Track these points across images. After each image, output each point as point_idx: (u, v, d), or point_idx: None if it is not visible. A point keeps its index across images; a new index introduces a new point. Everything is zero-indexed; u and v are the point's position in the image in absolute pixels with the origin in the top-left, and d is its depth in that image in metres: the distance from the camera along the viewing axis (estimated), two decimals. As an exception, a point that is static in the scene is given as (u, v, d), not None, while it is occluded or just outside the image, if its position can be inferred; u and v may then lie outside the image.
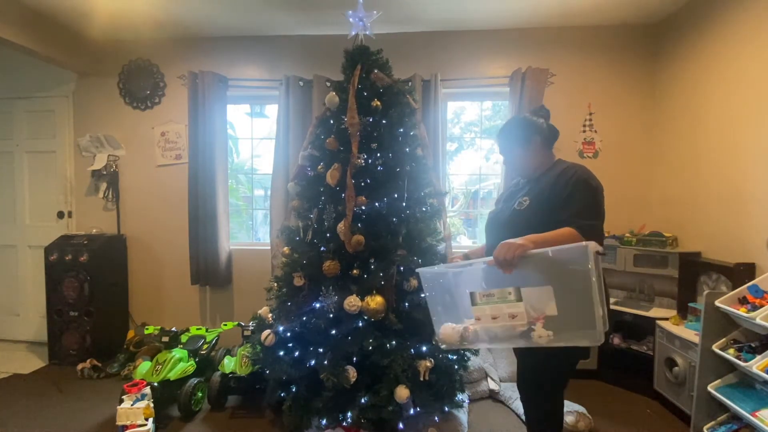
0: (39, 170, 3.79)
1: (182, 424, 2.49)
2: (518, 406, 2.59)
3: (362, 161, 2.31)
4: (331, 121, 2.42)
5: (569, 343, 1.29)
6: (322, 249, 2.31)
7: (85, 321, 3.30)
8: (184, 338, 2.96)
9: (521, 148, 1.66)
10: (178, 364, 2.64)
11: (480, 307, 1.41)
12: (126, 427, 2.16)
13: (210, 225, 3.44)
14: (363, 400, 2.12)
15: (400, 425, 2.17)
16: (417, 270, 1.59)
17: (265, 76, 3.54)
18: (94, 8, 3.06)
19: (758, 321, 1.88)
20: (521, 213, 1.56)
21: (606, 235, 3.09)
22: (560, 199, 1.49)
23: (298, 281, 2.32)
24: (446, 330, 1.48)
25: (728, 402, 2.00)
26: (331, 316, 2.20)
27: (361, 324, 2.18)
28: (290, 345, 2.30)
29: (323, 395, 2.15)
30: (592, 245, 1.22)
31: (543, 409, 1.65)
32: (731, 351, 2.04)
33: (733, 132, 2.55)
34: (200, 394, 2.66)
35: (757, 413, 1.87)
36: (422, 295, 1.58)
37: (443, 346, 1.51)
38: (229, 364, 2.73)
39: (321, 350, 2.21)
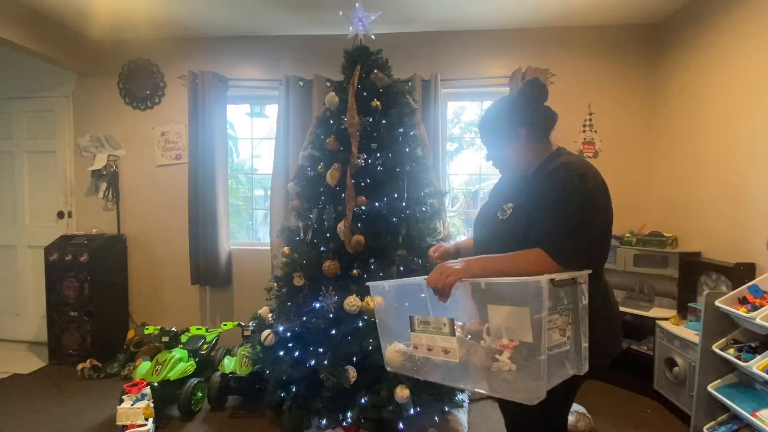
0: (39, 170, 3.79)
1: (182, 424, 2.49)
2: (518, 406, 2.58)
3: (362, 161, 2.31)
4: (331, 121, 2.42)
5: (506, 396, 1.04)
6: (322, 249, 2.31)
7: (85, 321, 3.30)
8: (184, 338, 2.96)
9: (504, 145, 1.30)
10: (178, 364, 2.64)
11: (417, 334, 1.19)
12: (126, 427, 2.16)
13: (210, 225, 3.44)
14: (363, 400, 2.12)
15: (400, 425, 2.17)
16: (367, 284, 1.38)
17: (265, 76, 3.54)
18: (94, 8, 3.06)
19: (758, 321, 1.88)
20: (503, 224, 1.24)
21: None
22: (540, 211, 1.16)
23: (298, 281, 2.32)
24: (391, 351, 1.27)
25: (728, 402, 2.00)
26: (331, 316, 2.20)
27: (361, 324, 2.19)
28: (290, 345, 2.30)
29: (323, 395, 2.15)
30: (543, 280, 0.97)
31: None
32: (731, 351, 2.04)
33: (733, 132, 2.55)
34: (200, 394, 2.66)
35: (757, 413, 1.87)
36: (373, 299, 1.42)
37: (389, 368, 1.30)
38: (229, 364, 2.72)
39: (321, 350, 2.21)
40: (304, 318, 2.27)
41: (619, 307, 1.36)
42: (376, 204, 2.28)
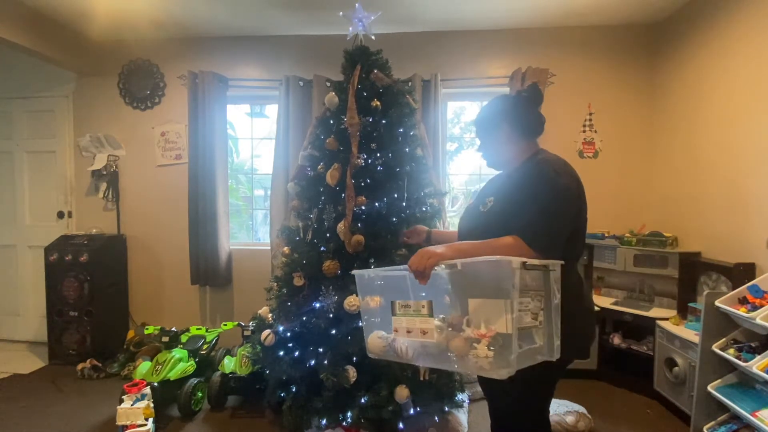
0: (39, 170, 3.79)
1: (182, 424, 2.49)
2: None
3: (362, 161, 2.31)
4: (331, 121, 2.42)
5: (476, 372, 1.12)
6: (322, 249, 2.31)
7: (85, 321, 3.30)
8: (184, 338, 2.96)
9: (487, 136, 1.42)
10: (178, 364, 2.64)
11: (398, 318, 1.26)
12: (126, 427, 2.16)
13: (210, 225, 3.44)
14: (363, 400, 2.12)
15: (400, 425, 2.17)
16: (352, 272, 1.42)
17: (265, 76, 3.54)
18: (94, 8, 3.06)
19: (758, 321, 1.88)
20: (484, 216, 1.34)
21: (606, 234, 3.09)
22: (518, 201, 1.25)
23: (298, 281, 2.32)
24: (373, 338, 1.33)
25: (728, 402, 2.00)
26: (331, 316, 2.20)
27: (361, 324, 2.18)
28: (290, 345, 2.30)
29: (323, 395, 2.15)
30: (515, 261, 1.04)
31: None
32: (731, 351, 2.03)
33: (733, 132, 2.55)
34: (200, 394, 2.66)
35: (757, 413, 1.87)
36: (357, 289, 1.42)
37: (371, 355, 1.36)
38: (229, 364, 2.73)
39: (321, 350, 2.21)
40: (304, 318, 2.27)
41: (593, 304, 1.44)
42: (376, 204, 2.28)
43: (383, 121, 2.37)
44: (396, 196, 2.32)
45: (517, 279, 1.03)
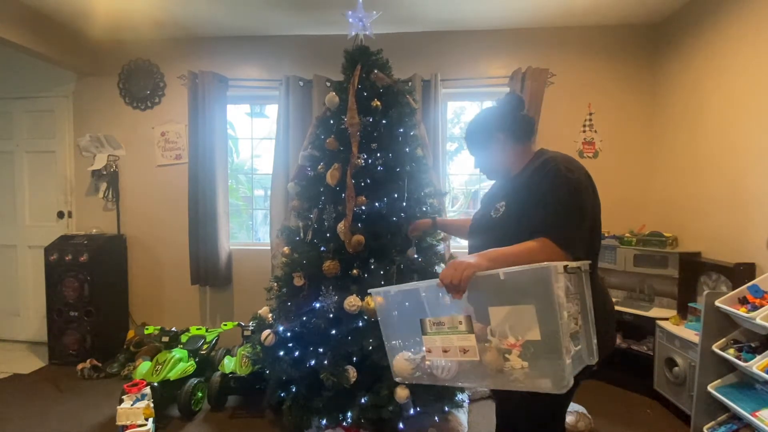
0: (39, 170, 3.79)
1: (182, 424, 2.49)
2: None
3: (362, 161, 2.31)
4: (331, 121, 2.42)
5: (533, 389, 1.05)
6: (322, 249, 2.31)
7: (85, 321, 3.30)
8: (184, 338, 2.96)
9: (483, 150, 1.42)
10: (178, 364, 2.64)
11: (430, 337, 1.17)
12: (126, 427, 2.16)
13: (210, 225, 3.44)
14: (363, 400, 2.12)
15: (400, 425, 2.17)
16: (370, 291, 1.36)
17: (265, 76, 3.54)
18: (94, 8, 3.06)
19: (758, 321, 1.88)
20: (498, 221, 1.30)
21: (606, 234, 3.09)
22: (534, 202, 1.22)
23: (298, 281, 2.32)
24: (399, 361, 1.24)
25: (728, 402, 2.00)
26: (331, 316, 2.20)
27: (361, 324, 2.18)
28: (290, 345, 2.30)
29: (323, 395, 2.15)
30: (558, 265, 1.00)
31: None
32: (731, 351, 2.04)
33: (733, 132, 2.55)
34: (200, 394, 2.66)
35: (757, 413, 1.87)
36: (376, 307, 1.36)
37: (398, 379, 1.28)
38: (229, 364, 2.72)
39: (321, 350, 2.21)
40: (304, 318, 2.26)
41: (612, 303, 1.39)
42: (376, 204, 2.28)
43: (383, 121, 2.37)
44: (396, 196, 2.32)
45: (563, 284, 0.99)
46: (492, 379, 1.10)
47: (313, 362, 2.19)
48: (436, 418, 2.25)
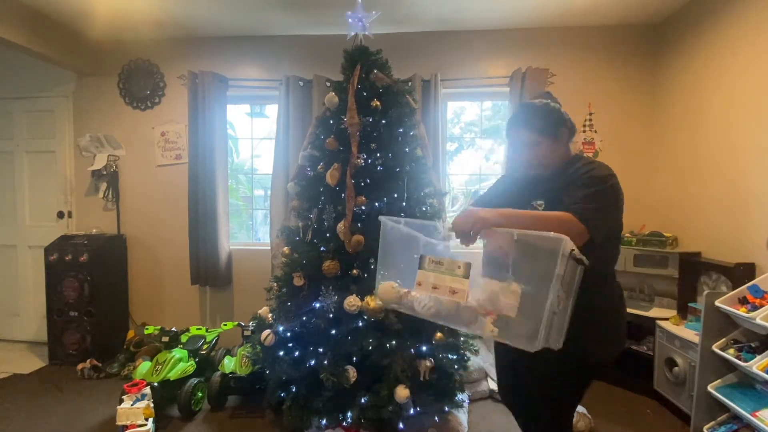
0: (39, 170, 3.79)
1: (182, 424, 2.49)
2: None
3: (362, 161, 2.31)
4: (331, 121, 2.42)
5: (504, 339, 1.15)
6: (322, 249, 2.31)
7: (85, 321, 3.30)
8: (184, 338, 2.96)
9: (551, 140, 1.38)
10: (178, 364, 2.64)
11: (424, 272, 1.26)
12: (126, 427, 2.16)
13: (210, 225, 3.44)
14: (363, 400, 2.12)
15: (400, 425, 2.17)
16: (380, 217, 1.41)
17: (265, 76, 3.54)
18: (94, 8, 3.06)
19: (758, 321, 1.88)
20: None
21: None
22: (576, 190, 1.27)
23: (298, 281, 2.32)
24: (386, 287, 1.35)
25: (728, 402, 2.00)
26: (331, 316, 2.20)
27: (361, 324, 2.19)
28: (290, 345, 2.30)
29: (323, 395, 2.15)
30: (568, 241, 1.05)
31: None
32: (731, 351, 2.04)
33: (733, 132, 2.55)
34: (200, 394, 2.66)
35: (757, 413, 1.87)
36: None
37: (379, 302, 1.42)
38: (229, 364, 2.72)
39: (321, 350, 2.21)
40: (304, 318, 2.27)
41: (624, 304, 1.47)
42: (376, 204, 2.28)
43: (383, 121, 2.37)
44: (396, 196, 2.32)
45: (563, 266, 1.05)
46: (465, 326, 1.23)
47: (312, 362, 2.19)
48: (436, 418, 2.25)
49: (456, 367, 2.30)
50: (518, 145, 1.43)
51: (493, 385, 2.82)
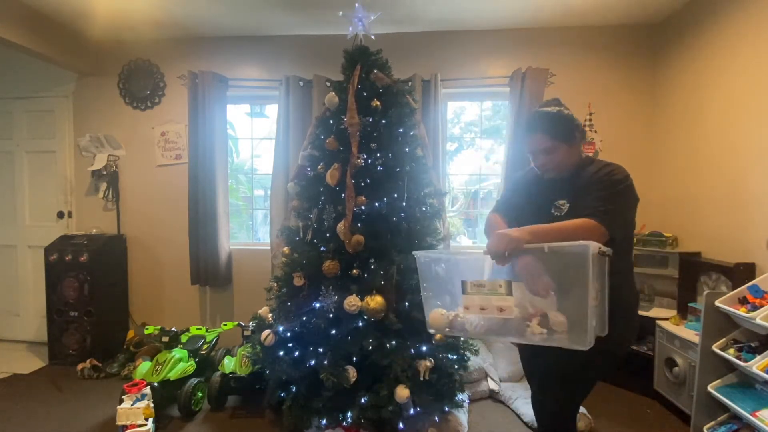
0: (39, 170, 3.79)
1: (182, 424, 2.49)
2: (518, 406, 2.59)
3: (362, 161, 2.31)
4: (331, 121, 2.42)
5: (559, 344, 1.24)
6: (322, 249, 2.31)
7: (85, 321, 3.30)
8: (184, 338, 2.96)
9: (567, 145, 1.49)
10: (178, 364, 2.64)
11: (469, 297, 1.34)
12: (126, 427, 2.16)
13: (210, 225, 3.44)
14: (363, 400, 2.12)
15: (400, 425, 2.17)
16: (414, 252, 1.51)
17: (265, 76, 3.54)
18: (94, 8, 3.06)
19: (758, 321, 1.88)
20: (561, 219, 1.42)
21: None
22: (600, 200, 1.37)
23: (298, 281, 2.32)
24: (435, 315, 1.43)
25: (728, 402, 2.00)
26: (331, 316, 2.20)
27: (361, 324, 2.19)
28: (290, 345, 2.30)
29: (323, 395, 2.15)
30: (594, 245, 1.16)
31: (568, 410, 1.56)
32: (731, 351, 2.04)
33: (733, 132, 2.55)
34: (200, 394, 2.66)
35: (757, 413, 1.87)
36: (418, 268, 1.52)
37: (431, 331, 1.47)
38: (229, 364, 2.72)
39: (321, 350, 2.21)
40: (304, 318, 2.27)
41: (638, 294, 1.63)
42: (376, 204, 2.28)
43: (383, 121, 2.37)
44: (396, 196, 2.32)
45: (590, 262, 1.14)
46: (518, 336, 1.31)
47: (312, 362, 2.20)
48: (436, 418, 2.25)
49: (456, 367, 2.30)
50: (535, 151, 1.51)
51: (493, 385, 2.82)
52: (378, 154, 2.34)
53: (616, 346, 1.44)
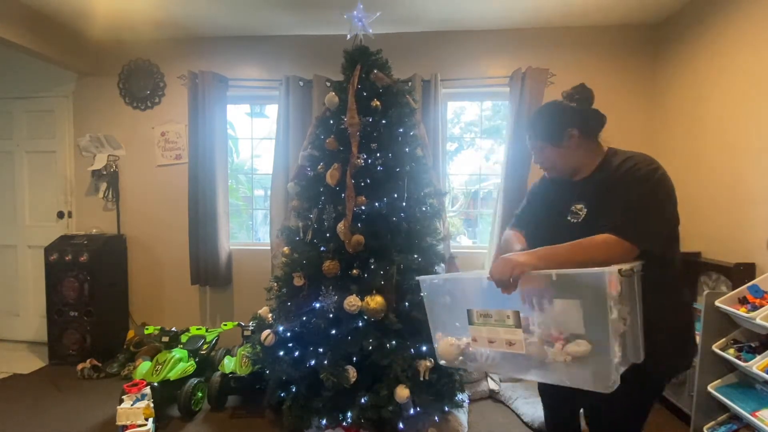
0: (39, 170, 3.79)
1: (182, 424, 2.49)
2: (518, 406, 2.59)
3: (362, 161, 2.31)
4: (331, 121, 2.42)
5: (576, 385, 1.06)
6: (322, 249, 2.31)
7: (85, 321, 3.30)
8: (184, 338, 2.96)
9: (553, 146, 1.31)
10: (178, 364, 2.64)
11: (477, 327, 1.21)
12: (126, 427, 2.16)
13: (210, 225, 3.43)
14: (363, 400, 2.12)
15: (400, 425, 2.17)
16: (417, 278, 1.39)
17: (265, 76, 3.54)
18: (94, 8, 3.06)
19: (758, 321, 1.88)
20: (579, 226, 1.23)
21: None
22: (623, 204, 1.18)
23: (298, 281, 2.32)
24: (444, 345, 1.30)
25: (728, 402, 2.00)
26: (331, 316, 2.20)
27: (361, 324, 2.19)
28: (290, 345, 2.30)
29: (323, 395, 2.15)
30: (611, 271, 0.98)
31: None
32: (731, 351, 2.04)
33: (733, 132, 2.55)
34: (200, 394, 2.66)
35: (757, 413, 1.87)
36: (422, 294, 1.39)
37: (442, 362, 1.33)
38: (229, 364, 2.73)
39: (321, 350, 2.21)
40: (304, 318, 2.27)
41: (692, 309, 1.34)
42: (376, 204, 2.28)
43: (383, 121, 2.37)
44: (396, 196, 2.32)
45: (609, 290, 0.98)
46: (535, 371, 1.14)
47: (313, 362, 2.20)
48: (436, 418, 2.25)
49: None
50: (531, 151, 1.40)
51: (493, 385, 2.82)
52: (378, 154, 2.34)
53: (655, 367, 1.20)
